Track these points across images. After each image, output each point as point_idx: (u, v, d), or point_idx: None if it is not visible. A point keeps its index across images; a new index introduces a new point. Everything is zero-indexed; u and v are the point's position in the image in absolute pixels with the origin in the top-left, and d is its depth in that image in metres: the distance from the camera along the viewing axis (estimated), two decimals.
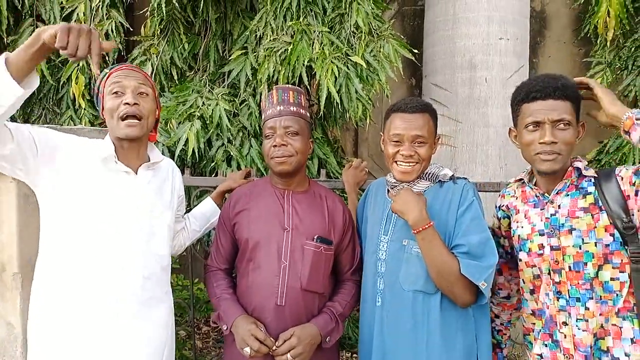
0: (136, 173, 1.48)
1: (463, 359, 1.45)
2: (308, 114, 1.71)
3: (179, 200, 1.68)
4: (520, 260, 1.47)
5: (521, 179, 1.53)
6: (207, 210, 1.85)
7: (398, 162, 1.52)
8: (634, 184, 1.29)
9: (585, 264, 1.32)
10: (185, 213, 1.81)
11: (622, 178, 1.32)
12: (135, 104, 1.42)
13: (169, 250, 1.58)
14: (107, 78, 1.46)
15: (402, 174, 1.52)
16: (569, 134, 1.36)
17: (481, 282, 1.38)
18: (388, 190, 1.64)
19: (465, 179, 1.57)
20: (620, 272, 1.30)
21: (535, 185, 1.48)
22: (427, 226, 1.41)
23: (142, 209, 1.47)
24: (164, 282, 1.54)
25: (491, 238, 1.45)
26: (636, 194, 1.28)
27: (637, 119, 1.30)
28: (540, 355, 1.42)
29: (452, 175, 1.56)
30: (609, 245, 1.30)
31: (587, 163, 1.43)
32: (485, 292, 1.41)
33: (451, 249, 1.45)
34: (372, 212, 1.67)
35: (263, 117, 1.70)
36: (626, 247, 1.29)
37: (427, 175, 1.56)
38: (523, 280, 1.49)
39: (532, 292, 1.46)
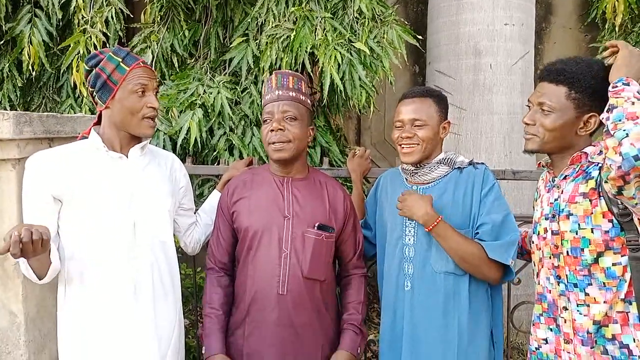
0: (127, 156, 1.51)
1: (485, 336, 1.56)
2: (308, 101, 1.68)
3: (182, 191, 1.69)
4: (533, 242, 1.49)
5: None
6: (216, 201, 1.83)
7: (401, 145, 1.60)
8: None
9: (583, 249, 1.30)
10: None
11: None
12: (156, 108, 1.48)
13: (171, 237, 1.59)
14: (128, 74, 1.46)
15: (405, 156, 1.60)
16: (548, 119, 1.34)
17: (509, 261, 1.48)
18: (406, 179, 1.68)
19: (483, 164, 1.63)
20: (621, 256, 1.27)
21: (550, 169, 1.48)
22: (436, 222, 1.49)
23: (137, 194, 1.49)
24: (172, 270, 1.57)
25: (511, 215, 1.55)
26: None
27: (613, 89, 1.22)
28: (546, 340, 1.42)
29: (472, 160, 1.63)
30: (608, 231, 1.27)
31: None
32: (513, 268, 1.53)
33: (477, 228, 1.54)
34: (390, 200, 1.69)
35: (262, 102, 1.68)
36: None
37: (446, 161, 1.62)
38: (533, 262, 1.51)
39: (536, 275, 1.48)
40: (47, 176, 1.41)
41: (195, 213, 1.81)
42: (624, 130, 1.12)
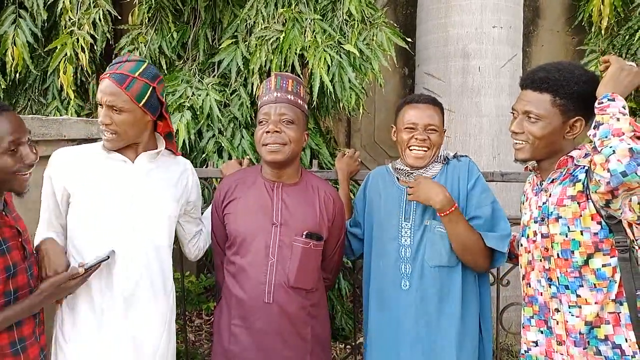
0: (133, 162, 1.51)
1: (475, 323, 1.61)
2: (305, 106, 1.67)
3: (190, 202, 1.66)
4: (521, 245, 1.49)
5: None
6: None
7: (412, 148, 1.63)
8: None
9: (573, 252, 1.31)
10: None
11: None
12: (107, 124, 1.45)
13: (167, 242, 1.56)
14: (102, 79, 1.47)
15: (416, 159, 1.63)
16: (536, 127, 1.35)
17: (506, 249, 1.55)
18: (398, 178, 1.70)
19: (466, 156, 1.68)
20: (611, 257, 1.28)
21: (537, 173, 1.48)
22: (453, 208, 1.51)
23: (137, 196, 1.48)
24: (165, 274, 1.55)
25: (497, 202, 1.62)
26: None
27: (599, 105, 1.24)
28: (536, 343, 1.42)
29: (456, 154, 1.68)
30: (597, 233, 1.28)
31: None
32: (505, 256, 1.59)
33: (468, 221, 1.57)
34: (383, 201, 1.69)
35: (259, 103, 1.66)
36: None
37: (439, 159, 1.67)
38: (520, 265, 1.51)
39: (523, 277, 1.48)
40: (61, 169, 1.47)
41: None
42: (611, 147, 1.15)
